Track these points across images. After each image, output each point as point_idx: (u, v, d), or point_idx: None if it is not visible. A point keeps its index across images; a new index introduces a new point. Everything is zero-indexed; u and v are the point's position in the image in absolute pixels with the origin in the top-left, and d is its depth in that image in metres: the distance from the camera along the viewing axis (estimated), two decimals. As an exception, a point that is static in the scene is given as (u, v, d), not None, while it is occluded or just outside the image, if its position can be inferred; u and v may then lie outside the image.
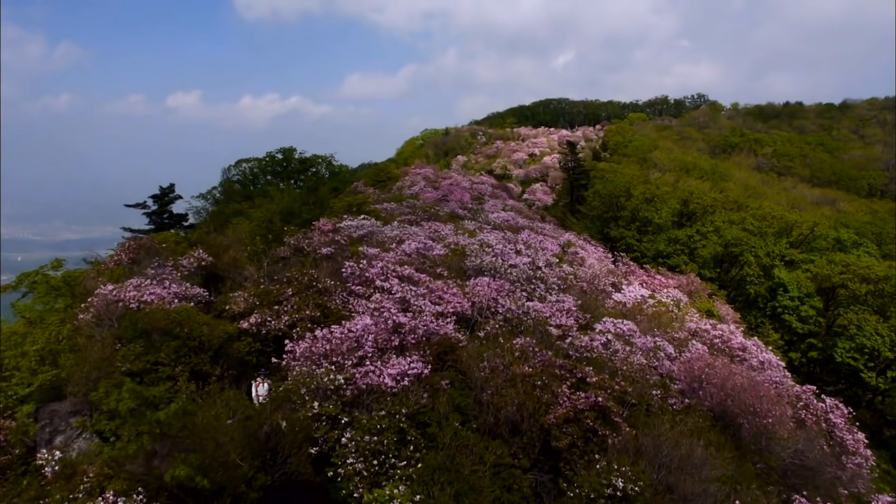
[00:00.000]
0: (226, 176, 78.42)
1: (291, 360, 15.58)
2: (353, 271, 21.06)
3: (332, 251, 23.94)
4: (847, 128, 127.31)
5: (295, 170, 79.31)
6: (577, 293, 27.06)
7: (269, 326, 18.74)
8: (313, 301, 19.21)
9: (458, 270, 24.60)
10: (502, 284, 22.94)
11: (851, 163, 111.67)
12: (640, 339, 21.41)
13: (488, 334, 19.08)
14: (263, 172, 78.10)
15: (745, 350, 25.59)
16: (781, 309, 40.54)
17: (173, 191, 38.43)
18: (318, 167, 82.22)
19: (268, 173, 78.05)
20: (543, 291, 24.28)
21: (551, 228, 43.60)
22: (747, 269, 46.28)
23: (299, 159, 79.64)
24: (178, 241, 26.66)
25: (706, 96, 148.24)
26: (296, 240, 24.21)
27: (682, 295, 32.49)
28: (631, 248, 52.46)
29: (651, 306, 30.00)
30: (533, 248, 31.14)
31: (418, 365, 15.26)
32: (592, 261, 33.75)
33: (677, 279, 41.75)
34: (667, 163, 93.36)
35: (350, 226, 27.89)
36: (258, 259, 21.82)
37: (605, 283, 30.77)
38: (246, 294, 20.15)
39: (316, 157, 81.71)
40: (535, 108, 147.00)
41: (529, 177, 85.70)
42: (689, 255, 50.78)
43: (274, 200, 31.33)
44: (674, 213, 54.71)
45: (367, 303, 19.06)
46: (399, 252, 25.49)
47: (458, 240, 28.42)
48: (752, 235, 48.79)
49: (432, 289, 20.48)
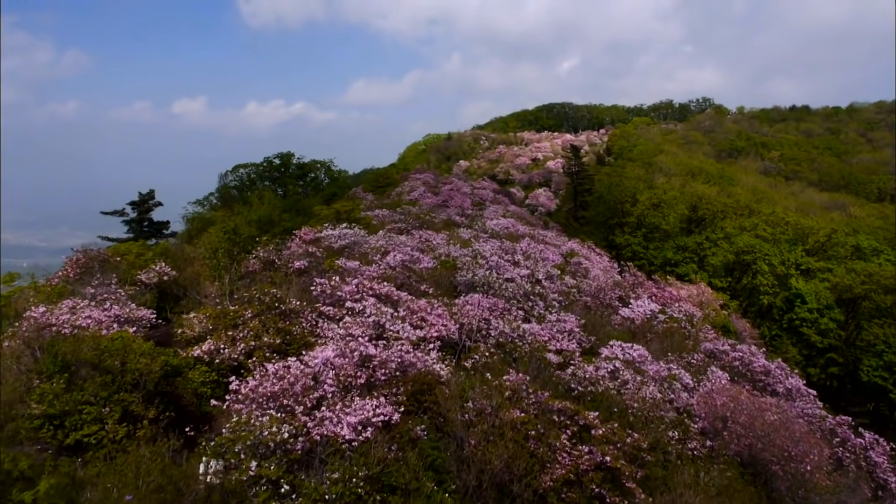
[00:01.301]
0: (223, 181, 75.89)
1: (234, 402, 12.68)
2: (324, 289, 18.16)
3: (305, 265, 21.08)
4: (855, 131, 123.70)
5: (293, 175, 76.71)
6: (580, 310, 24.11)
7: (223, 355, 15.91)
8: (274, 325, 16.34)
9: (448, 286, 21.70)
10: (496, 303, 20.03)
11: (860, 167, 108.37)
12: (652, 366, 18.43)
13: (476, 364, 16.16)
14: (261, 178, 75.54)
15: (768, 374, 22.56)
16: (799, 322, 37.47)
17: (153, 197, 35.72)
18: (317, 173, 79.62)
19: (265, 179, 75.49)
20: (542, 309, 21.34)
21: (553, 236, 40.63)
22: (761, 279, 43.22)
23: (297, 165, 77.04)
24: (141, 252, 23.88)
25: (711, 100, 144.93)
26: (266, 252, 21.38)
27: (694, 309, 29.45)
28: (637, 256, 49.57)
29: (662, 322, 27.02)
30: (532, 258, 28.21)
31: (387, 410, 12.35)
32: (597, 272, 30.77)
33: (687, 289, 38.84)
34: (672, 167, 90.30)
35: (331, 235, 25.03)
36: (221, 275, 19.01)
37: (611, 296, 27.81)
38: (201, 316, 17.33)
39: (314, 163, 79.10)
40: (539, 112, 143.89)
41: (532, 182, 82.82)
42: (698, 262, 47.83)
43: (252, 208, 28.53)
44: (682, 219, 51.73)
45: (338, 327, 16.17)
46: (383, 265, 22.61)
47: (449, 250, 25.53)
48: (765, 242, 45.73)
49: (413, 309, 17.57)
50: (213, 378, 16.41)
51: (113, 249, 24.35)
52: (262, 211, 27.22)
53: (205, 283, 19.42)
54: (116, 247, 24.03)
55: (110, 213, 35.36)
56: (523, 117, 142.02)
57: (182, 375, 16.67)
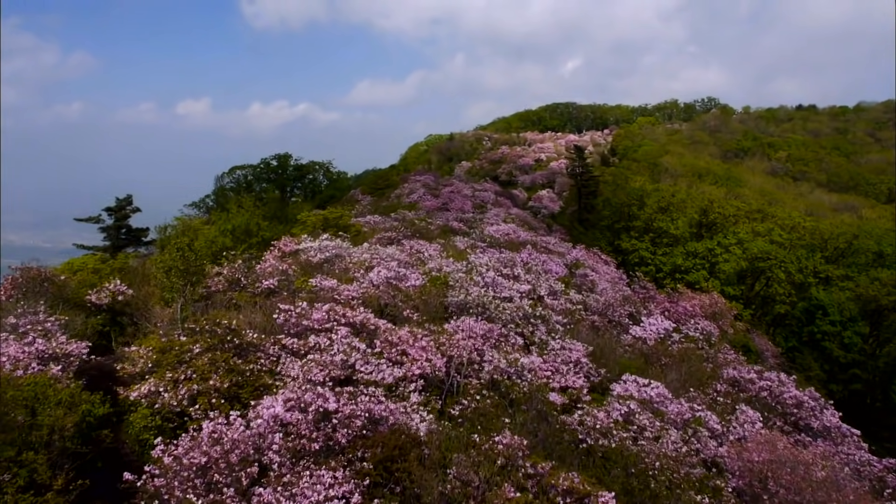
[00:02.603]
0: (219, 183, 73.35)
1: (152, 477, 9.86)
2: (289, 316, 15.31)
3: (275, 284, 18.25)
4: (863, 131, 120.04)
5: (290, 177, 74.06)
6: (587, 331, 21.22)
7: (164, 400, 13.13)
8: (225, 364, 13.53)
9: (437, 308, 18.84)
10: (491, 329, 17.16)
11: (869, 167, 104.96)
12: (673, 405, 15.54)
13: (465, 411, 13.32)
14: (258, 180, 72.94)
15: (800, 406, 19.65)
16: (821, 335, 34.42)
17: (131, 202, 32.96)
18: (316, 174, 76.93)
19: (262, 180, 72.90)
20: (545, 334, 18.44)
21: (557, 242, 37.73)
22: (777, 287, 40.17)
23: (295, 166, 74.36)
24: (98, 267, 21.12)
25: (717, 100, 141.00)
26: (232, 269, 18.55)
27: (712, 326, 26.51)
28: (644, 262, 46.55)
29: (677, 343, 24.14)
30: (534, 271, 25.32)
31: (346, 488, 9.54)
32: (605, 284, 27.86)
33: (699, 298, 35.90)
34: (678, 168, 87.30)
35: (310, 248, 22.18)
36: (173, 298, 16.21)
37: (620, 313, 24.93)
38: (143, 349, 14.55)
39: (313, 164, 76.40)
40: (542, 112, 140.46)
41: (535, 183, 79.78)
42: (709, 269, 44.76)
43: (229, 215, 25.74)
44: (692, 224, 48.68)
45: (299, 367, 13.32)
46: (365, 283, 19.78)
47: (441, 264, 22.67)
48: (780, 248, 42.67)
49: (393, 342, 14.72)
50: (156, 423, 13.72)
51: (66, 265, 21.65)
52: (239, 219, 24.40)
53: (155, 306, 16.61)
54: (71, 261, 21.31)
55: (85, 220, 32.61)
56: (526, 117, 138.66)
57: (126, 417, 14.05)
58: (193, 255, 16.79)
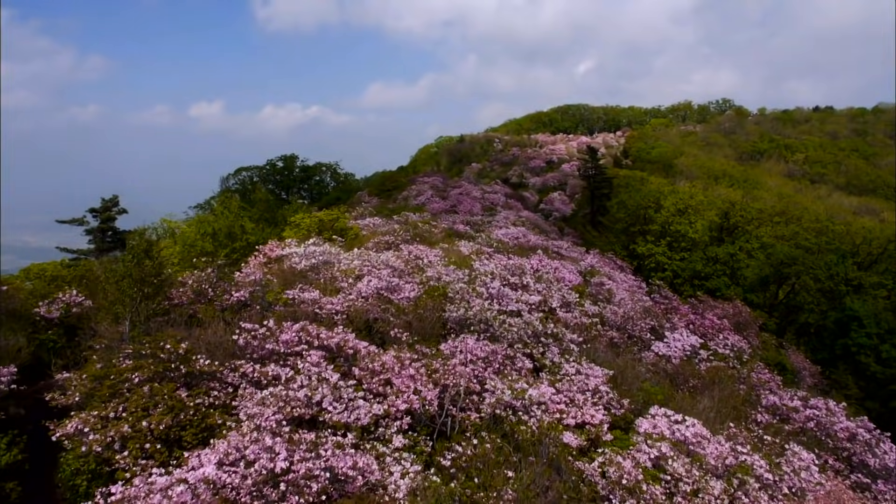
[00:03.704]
0: (224, 185, 71.23)
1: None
2: (252, 338, 12.68)
3: (246, 296, 15.67)
4: (882, 132, 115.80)
5: (296, 178, 71.81)
6: (605, 350, 18.46)
7: (92, 441, 10.59)
8: (168, 398, 10.95)
9: (433, 324, 16.15)
10: (495, 350, 14.46)
11: (889, 169, 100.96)
12: (712, 446, 12.72)
13: (459, 460, 10.66)
14: (264, 181, 70.72)
15: (852, 439, 16.75)
16: (856, 348, 31.29)
17: (117, 203, 30.63)
18: (322, 176, 74.64)
19: (268, 182, 70.69)
20: (557, 355, 15.68)
21: (569, 246, 34.95)
22: (805, 295, 37.11)
23: (301, 167, 72.11)
24: (58, 275, 18.69)
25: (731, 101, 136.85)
26: (198, 279, 15.99)
27: (741, 341, 23.63)
28: (661, 267, 43.66)
29: (704, 361, 21.32)
30: (545, 280, 22.58)
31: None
32: (623, 294, 25.04)
33: (722, 307, 33.01)
34: (694, 170, 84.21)
35: (295, 254, 19.59)
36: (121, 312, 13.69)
37: (641, 327, 22.11)
38: (77, 376, 12.03)
39: (319, 165, 74.12)
40: (554, 114, 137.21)
41: (547, 185, 76.80)
42: (730, 276, 41.77)
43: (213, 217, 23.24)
44: (711, 227, 45.64)
45: (251, 405, 10.69)
46: (353, 294, 17.16)
47: (442, 272, 19.98)
48: (807, 253, 39.57)
49: (375, 369, 12.07)
50: (90, 467, 11.23)
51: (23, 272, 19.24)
52: (221, 221, 21.91)
53: (102, 322, 14.10)
54: (29, 268, 18.91)
55: (68, 222, 30.34)
56: (538, 119, 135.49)
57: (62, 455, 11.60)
58: (150, 262, 14.27)
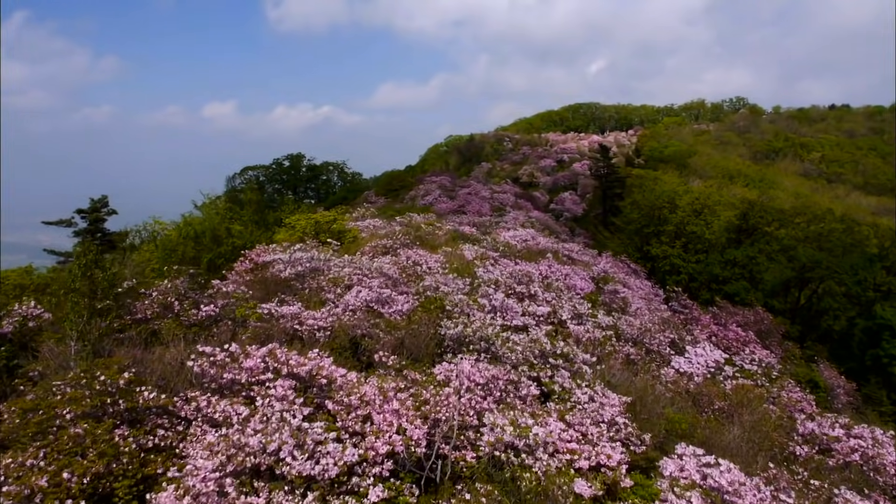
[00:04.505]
0: (230, 185, 69.67)
1: None
2: (212, 363, 10.76)
3: (216, 311, 13.77)
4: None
5: (303, 178, 70.16)
6: (621, 369, 16.41)
7: (4, 496, 8.73)
8: (105, 440, 9.07)
9: (428, 341, 14.17)
10: (496, 375, 12.45)
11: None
12: (750, 495, 10.66)
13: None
14: (270, 181, 69.15)
15: (904, 474, 14.59)
16: (888, 359, 29.02)
17: (106, 204, 28.97)
18: (329, 175, 72.93)
19: (275, 181, 69.10)
20: (568, 379, 13.64)
21: (581, 249, 32.84)
22: (829, 301, 34.82)
23: (308, 167, 70.44)
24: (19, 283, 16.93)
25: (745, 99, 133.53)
26: (163, 291, 14.11)
27: (770, 356, 21.46)
28: (676, 269, 41.50)
29: (730, 378, 19.22)
30: (554, 288, 20.54)
31: None
32: (639, 303, 22.93)
33: (742, 314, 30.87)
34: (708, 169, 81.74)
35: (279, 261, 17.69)
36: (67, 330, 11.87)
37: (660, 340, 20.02)
38: (7, 408, 10.20)
39: (326, 165, 72.40)
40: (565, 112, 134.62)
41: (558, 185, 74.56)
42: (749, 279, 39.48)
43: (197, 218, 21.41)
44: (729, 228, 43.32)
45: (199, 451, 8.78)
46: (340, 306, 15.24)
47: (440, 281, 18.00)
48: (832, 256, 37.22)
49: (352, 403, 10.11)
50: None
51: (-16, 280, 17.49)
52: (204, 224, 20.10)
53: (47, 342, 12.26)
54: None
55: (54, 223, 28.74)
56: (549, 118, 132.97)
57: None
58: (102, 273, 12.45)
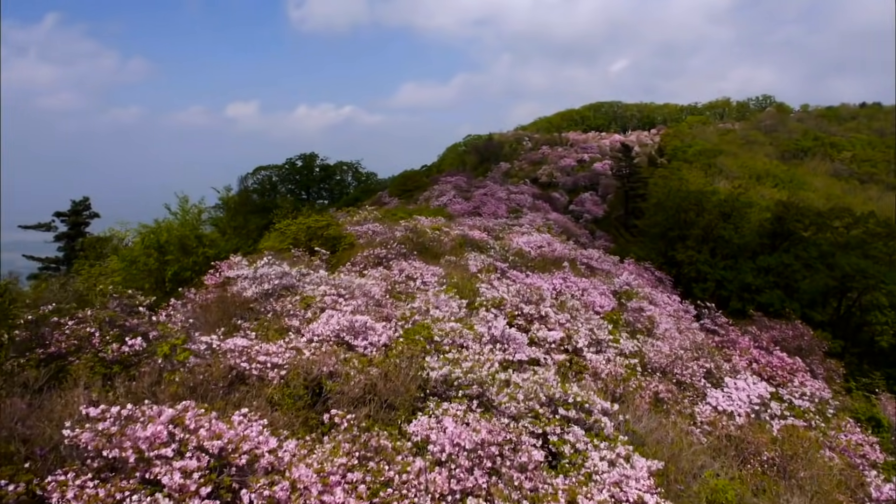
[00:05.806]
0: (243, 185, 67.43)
1: None
2: (96, 433, 7.90)
3: (141, 345, 10.88)
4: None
5: (317, 178, 67.68)
6: (648, 412, 13.22)
7: None
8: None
9: (408, 386, 11.13)
10: (490, 434, 9.35)
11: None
12: None
13: None
14: (283, 181, 66.79)
15: None
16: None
17: (88, 207, 26.58)
18: (343, 175, 70.38)
19: (288, 181, 66.73)
20: (582, 438, 10.48)
21: (601, 257, 29.55)
22: (877, 315, 31.07)
23: (321, 166, 67.91)
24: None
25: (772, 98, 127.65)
26: (79, 320, 11.28)
27: (822, 387, 18.03)
28: (703, 276, 37.98)
29: (777, 417, 15.89)
30: (569, 308, 17.36)
31: None
32: (667, 323, 19.62)
33: (780, 328, 27.45)
34: (734, 169, 77.48)
35: (243, 276, 14.83)
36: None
37: (693, 370, 16.76)
38: None
39: (340, 164, 69.81)
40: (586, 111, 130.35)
41: (578, 185, 71.09)
42: (784, 288, 35.81)
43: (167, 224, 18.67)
44: (762, 233, 39.61)
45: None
46: (305, 337, 12.30)
47: (432, 301, 14.96)
48: (877, 265, 33.39)
49: (276, 498, 7.11)
50: None
51: None
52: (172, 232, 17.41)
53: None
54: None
55: (33, 227, 26.40)
56: (569, 117, 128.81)
57: None
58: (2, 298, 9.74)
